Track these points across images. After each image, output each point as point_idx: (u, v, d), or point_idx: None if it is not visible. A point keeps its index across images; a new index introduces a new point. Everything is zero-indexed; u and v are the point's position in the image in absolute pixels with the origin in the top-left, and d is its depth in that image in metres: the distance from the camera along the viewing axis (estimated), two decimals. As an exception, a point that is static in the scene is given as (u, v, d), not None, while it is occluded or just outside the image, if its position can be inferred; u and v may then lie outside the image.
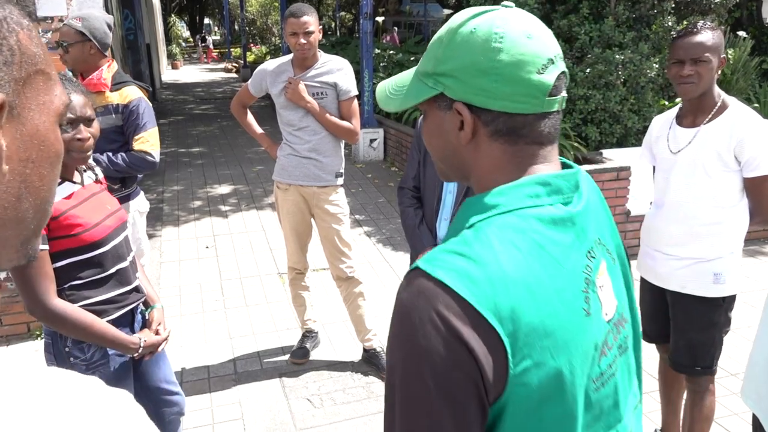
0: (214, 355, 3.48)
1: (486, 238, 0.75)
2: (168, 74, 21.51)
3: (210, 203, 6.47)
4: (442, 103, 0.84)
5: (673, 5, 5.74)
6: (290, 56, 3.11)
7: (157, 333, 1.99)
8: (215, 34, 45.10)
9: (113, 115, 2.84)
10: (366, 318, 3.33)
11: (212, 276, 4.62)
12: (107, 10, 6.08)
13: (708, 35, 2.11)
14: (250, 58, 20.74)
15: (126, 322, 1.92)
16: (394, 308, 0.77)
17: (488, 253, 0.74)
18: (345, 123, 3.09)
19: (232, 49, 25.41)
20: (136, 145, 2.86)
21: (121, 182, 2.94)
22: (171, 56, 24.79)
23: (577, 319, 0.76)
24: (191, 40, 37.74)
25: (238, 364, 3.42)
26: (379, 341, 3.39)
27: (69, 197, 1.77)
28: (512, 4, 0.85)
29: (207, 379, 3.25)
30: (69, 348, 1.80)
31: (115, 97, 2.85)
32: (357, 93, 3.18)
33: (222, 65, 24.56)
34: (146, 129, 2.88)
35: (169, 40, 27.15)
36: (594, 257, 0.83)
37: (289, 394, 3.13)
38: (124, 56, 8.69)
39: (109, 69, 2.87)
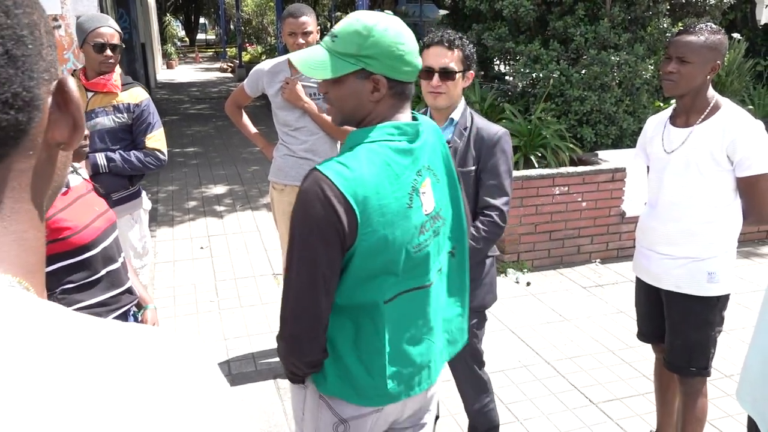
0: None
1: (358, 155, 1.32)
2: (163, 74, 21.45)
3: (205, 203, 6.45)
4: (360, 75, 1.34)
5: (668, 7, 5.76)
6: (287, 56, 3.10)
7: None
8: (210, 34, 45.02)
9: (125, 114, 2.89)
10: None
11: (207, 277, 4.60)
12: (102, 9, 6.06)
13: (701, 37, 2.12)
14: (246, 57, 20.68)
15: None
16: (297, 193, 1.32)
17: (356, 164, 1.30)
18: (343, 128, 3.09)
19: (227, 49, 25.36)
20: (149, 143, 2.94)
21: (129, 180, 2.95)
22: (166, 56, 24.71)
23: (402, 209, 1.34)
24: (186, 39, 37.66)
25: (232, 365, 3.40)
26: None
27: (56, 200, 1.74)
28: (391, 13, 1.39)
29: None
30: None
31: (125, 97, 2.90)
32: None
33: (217, 65, 24.51)
34: (157, 128, 2.99)
35: (164, 40, 27.07)
36: (421, 175, 1.40)
37: (283, 396, 3.12)
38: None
39: (117, 71, 2.92)
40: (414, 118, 1.45)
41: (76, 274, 1.75)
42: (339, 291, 1.38)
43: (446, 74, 2.09)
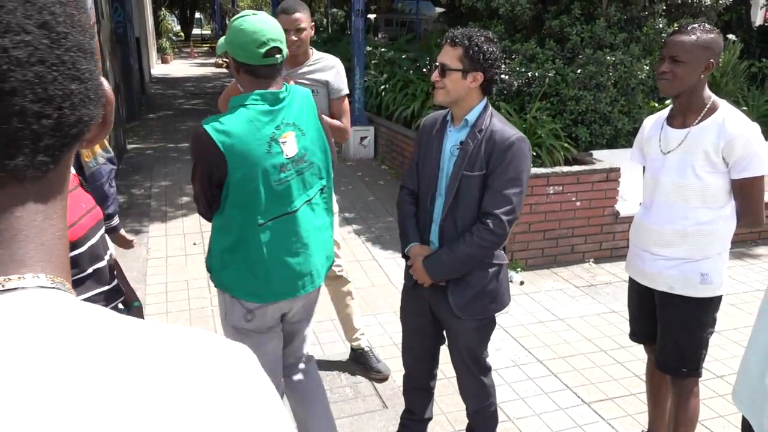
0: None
1: (231, 114, 1.88)
2: (158, 68, 21.35)
3: (198, 199, 6.42)
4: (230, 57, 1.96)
5: (664, 7, 5.76)
6: None
7: None
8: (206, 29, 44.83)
9: None
10: (354, 317, 3.31)
11: (199, 273, 4.57)
12: (96, 3, 6.01)
13: (693, 36, 2.12)
14: (241, 53, 20.57)
15: None
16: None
17: (227, 121, 1.86)
18: (335, 122, 3.06)
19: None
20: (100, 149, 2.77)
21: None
22: (161, 50, 24.59)
23: (263, 153, 1.87)
24: (182, 34, 37.49)
25: (224, 362, 3.38)
26: (367, 341, 3.37)
27: None
28: (254, 12, 1.94)
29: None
30: None
31: None
32: (348, 92, 3.15)
33: (212, 60, 24.41)
34: None
35: (159, 34, 26.93)
36: (280, 129, 1.92)
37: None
38: (113, 50, 8.59)
39: None
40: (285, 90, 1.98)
41: None
42: (227, 216, 1.96)
43: (442, 70, 2.08)
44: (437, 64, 2.11)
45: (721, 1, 5.78)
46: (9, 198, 0.44)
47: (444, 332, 2.38)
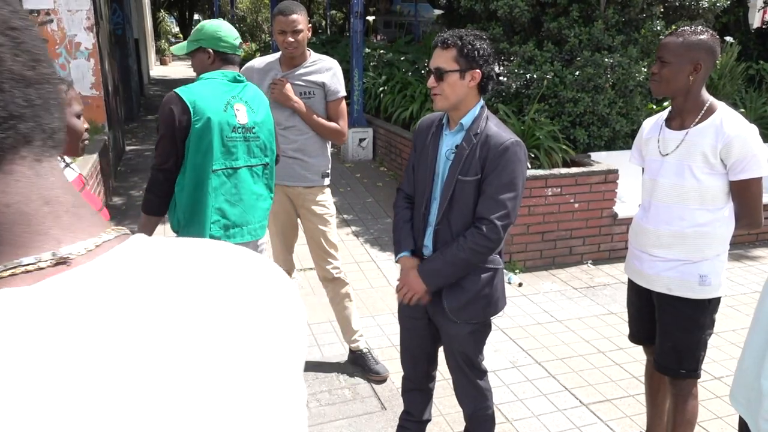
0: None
1: (200, 83, 2.44)
2: (156, 70, 21.34)
3: (197, 201, 6.42)
4: (200, 50, 2.49)
5: (662, 10, 5.78)
6: (278, 54, 3.08)
7: None
8: None
9: None
10: (352, 319, 3.31)
11: (198, 274, 4.57)
12: (95, 4, 6.01)
13: (679, 38, 2.14)
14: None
15: None
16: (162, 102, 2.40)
17: (196, 87, 2.41)
18: (332, 124, 3.06)
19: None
20: None
21: None
22: (160, 52, 24.59)
23: (220, 110, 2.39)
24: (180, 35, 37.49)
25: (223, 363, 3.39)
26: (366, 342, 3.37)
27: None
28: (222, 20, 2.56)
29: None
30: None
31: None
32: (345, 94, 3.15)
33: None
34: None
35: (158, 36, 26.93)
36: (235, 99, 2.45)
37: (274, 395, 3.11)
38: (111, 51, 8.59)
39: None
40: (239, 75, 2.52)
41: None
42: (189, 165, 2.38)
43: (439, 74, 2.06)
44: (431, 69, 2.08)
45: (718, 4, 5.80)
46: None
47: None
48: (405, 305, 2.38)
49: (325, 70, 3.04)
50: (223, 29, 2.47)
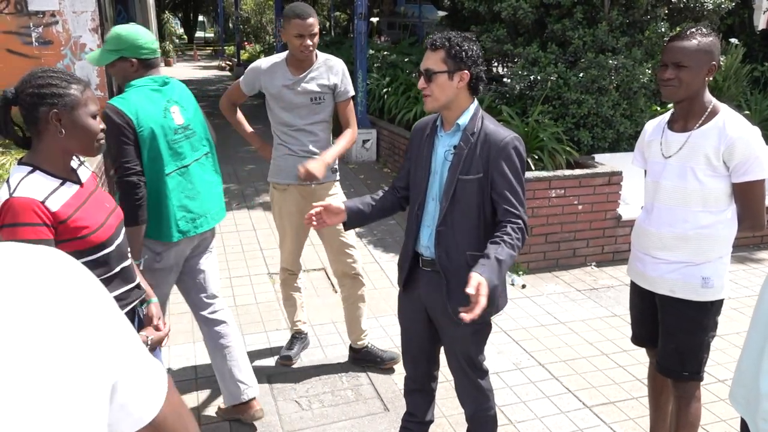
0: (202, 356, 3.45)
1: (134, 91, 2.44)
2: (161, 71, 21.38)
3: (201, 202, 6.43)
4: (122, 60, 2.45)
5: (666, 11, 5.77)
6: (283, 55, 3.07)
7: (157, 328, 2.01)
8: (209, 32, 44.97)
9: None
10: (362, 319, 3.32)
11: (202, 275, 4.58)
12: (100, 6, 6.04)
13: (694, 41, 2.12)
14: (244, 56, 20.64)
15: (130, 320, 1.92)
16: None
17: (128, 95, 2.42)
18: (349, 138, 3.09)
19: (225, 47, 25.32)
20: None
21: None
22: (164, 53, 24.66)
23: (160, 117, 2.46)
24: (185, 37, 37.59)
25: (226, 364, 3.39)
26: (369, 340, 3.38)
27: (73, 198, 1.73)
28: (134, 24, 2.57)
29: (194, 380, 3.23)
30: None
31: None
32: (354, 93, 3.15)
33: (215, 63, 24.48)
34: None
35: (162, 37, 27.01)
36: (170, 102, 2.52)
37: (277, 396, 3.11)
38: (116, 52, 8.63)
39: None
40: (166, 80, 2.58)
41: (94, 271, 1.73)
42: (144, 169, 2.42)
43: (428, 76, 2.09)
44: (422, 71, 2.12)
45: (723, 5, 5.78)
46: None
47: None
48: (403, 307, 2.38)
49: (335, 72, 3.05)
50: (142, 35, 2.45)
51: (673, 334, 2.33)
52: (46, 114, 1.65)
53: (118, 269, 1.85)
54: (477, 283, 1.86)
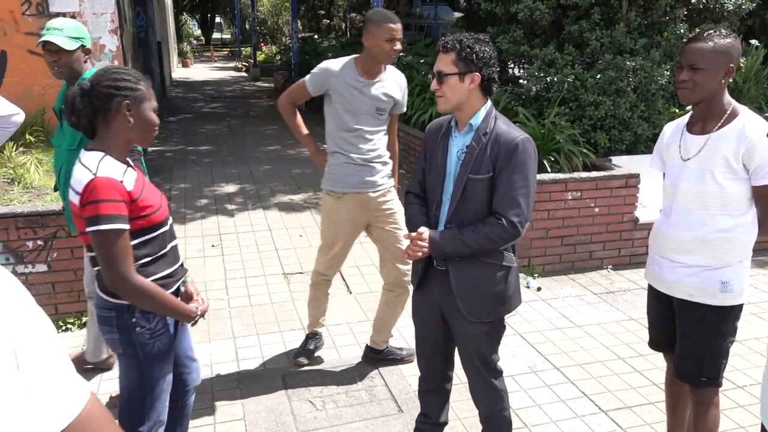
0: (217, 355, 3.48)
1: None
2: (178, 72, 21.59)
3: (217, 202, 6.48)
4: (82, 48, 2.71)
5: (686, 12, 5.71)
6: (351, 58, 3.03)
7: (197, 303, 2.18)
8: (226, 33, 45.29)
9: None
10: (394, 324, 3.35)
11: (217, 275, 4.62)
12: (119, 8, 6.11)
13: (710, 43, 2.10)
14: (260, 57, 20.78)
15: (176, 295, 2.07)
16: None
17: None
18: (396, 152, 3.34)
19: (242, 48, 25.49)
20: None
21: None
22: (182, 54, 24.87)
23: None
24: (202, 38, 37.89)
25: (240, 363, 3.41)
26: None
27: (137, 181, 1.91)
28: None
29: (210, 379, 3.25)
30: (136, 319, 1.94)
31: None
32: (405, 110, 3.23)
33: (232, 64, 24.64)
34: None
35: (180, 38, 27.25)
36: None
37: (291, 396, 3.12)
38: (135, 54, 8.72)
39: None
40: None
41: (152, 248, 1.95)
42: None
43: (440, 77, 2.12)
44: (434, 72, 2.14)
45: (744, 6, 5.71)
46: None
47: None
48: (418, 306, 2.39)
49: (401, 86, 3.12)
50: (83, 27, 2.73)
51: (690, 338, 2.30)
52: (119, 104, 1.85)
53: (169, 248, 2.01)
54: (422, 231, 2.13)
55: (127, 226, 1.81)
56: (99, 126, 1.89)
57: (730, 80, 2.16)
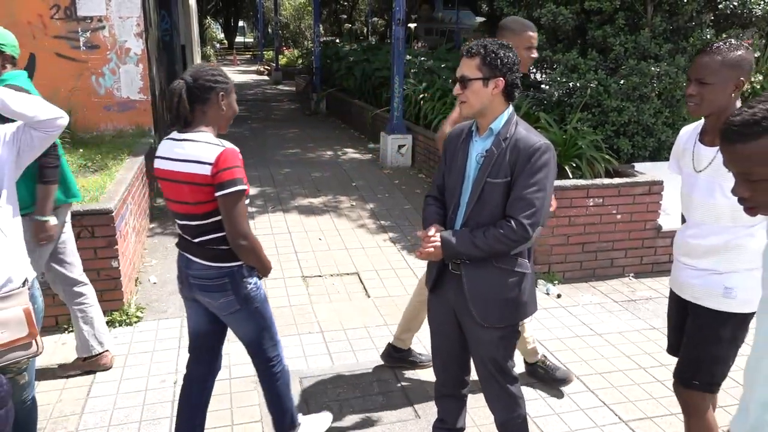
0: (236, 357, 3.50)
1: (23, 80, 2.86)
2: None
3: (237, 204, 6.52)
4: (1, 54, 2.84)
5: (712, 18, 5.62)
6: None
7: None
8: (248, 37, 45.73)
9: None
10: (421, 324, 3.34)
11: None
12: (145, 12, 6.20)
13: (718, 57, 2.07)
14: (282, 61, 20.93)
15: None
16: None
17: (25, 83, 2.86)
18: None
19: (264, 52, 25.71)
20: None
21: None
22: (205, 57, 25.17)
23: None
24: (225, 41, 38.30)
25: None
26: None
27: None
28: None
29: (228, 380, 3.27)
30: (246, 276, 2.34)
31: None
32: None
33: (254, 67, 24.87)
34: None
35: (204, 42, 27.58)
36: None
37: (308, 399, 3.13)
38: (159, 57, 8.82)
39: None
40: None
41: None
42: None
43: (463, 82, 2.13)
44: (457, 77, 2.15)
45: (772, 12, 5.60)
46: None
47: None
48: (434, 310, 2.39)
49: None
50: (9, 34, 2.85)
51: (691, 340, 2.31)
52: (217, 95, 2.23)
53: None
54: (433, 232, 2.20)
55: (246, 187, 2.20)
56: (196, 114, 2.24)
57: (742, 90, 2.12)
